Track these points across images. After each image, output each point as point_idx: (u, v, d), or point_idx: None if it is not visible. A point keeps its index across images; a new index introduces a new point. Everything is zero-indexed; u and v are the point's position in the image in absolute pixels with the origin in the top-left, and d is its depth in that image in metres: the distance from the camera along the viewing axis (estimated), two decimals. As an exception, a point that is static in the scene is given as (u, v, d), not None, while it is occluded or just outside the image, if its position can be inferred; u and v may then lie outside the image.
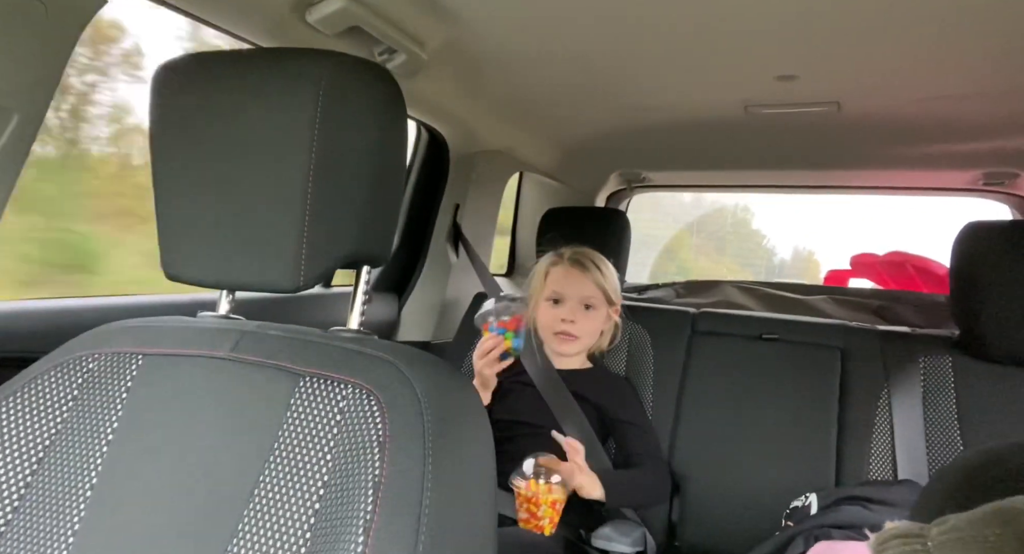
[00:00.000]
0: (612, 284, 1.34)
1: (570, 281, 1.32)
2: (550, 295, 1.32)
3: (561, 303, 1.31)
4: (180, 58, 0.64)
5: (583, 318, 1.30)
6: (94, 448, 0.61)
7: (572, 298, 1.31)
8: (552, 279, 1.33)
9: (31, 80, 0.75)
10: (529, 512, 1.05)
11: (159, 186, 0.64)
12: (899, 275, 2.37)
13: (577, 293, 1.31)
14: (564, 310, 1.30)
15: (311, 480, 0.54)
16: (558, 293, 1.32)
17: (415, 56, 1.11)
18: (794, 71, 1.23)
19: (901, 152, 1.71)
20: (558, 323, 1.29)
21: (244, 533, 0.54)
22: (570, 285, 1.31)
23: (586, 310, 1.31)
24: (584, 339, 1.31)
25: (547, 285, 1.33)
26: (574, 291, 1.31)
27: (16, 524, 0.60)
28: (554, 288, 1.32)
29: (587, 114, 1.61)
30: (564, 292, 1.31)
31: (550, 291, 1.32)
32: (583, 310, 1.31)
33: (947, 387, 1.23)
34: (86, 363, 0.65)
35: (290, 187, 0.59)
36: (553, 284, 1.33)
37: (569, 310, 1.30)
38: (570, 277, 1.32)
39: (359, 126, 0.62)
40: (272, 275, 0.61)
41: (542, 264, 1.37)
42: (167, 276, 0.65)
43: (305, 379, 0.58)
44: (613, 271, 1.36)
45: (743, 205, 4.46)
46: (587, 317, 1.31)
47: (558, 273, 1.33)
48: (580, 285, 1.31)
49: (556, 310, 1.31)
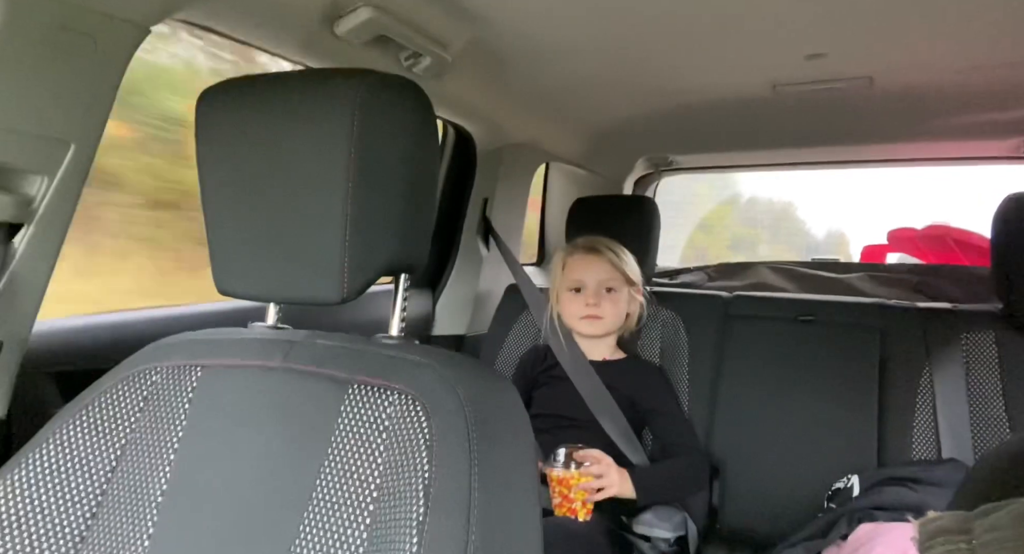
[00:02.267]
0: (630, 265, 1.36)
1: (587, 267, 1.35)
2: (570, 284, 1.35)
3: (582, 290, 1.34)
4: (222, 84, 0.67)
5: (606, 301, 1.33)
6: (162, 456, 0.65)
7: (592, 283, 1.33)
8: (569, 268, 1.36)
9: (84, 111, 0.79)
10: (562, 496, 1.08)
11: (208, 207, 0.67)
12: (939, 248, 2.31)
13: (595, 277, 1.33)
14: (587, 295, 1.33)
15: (365, 484, 0.57)
16: (578, 281, 1.34)
17: (440, 58, 1.13)
18: (824, 49, 1.21)
19: (937, 123, 1.66)
20: (583, 308, 1.32)
21: (305, 535, 0.58)
22: (588, 271, 1.34)
23: (607, 293, 1.33)
24: (609, 319, 1.33)
25: (565, 275, 1.36)
26: (592, 276, 1.34)
27: (96, 529, 0.64)
28: (572, 276, 1.35)
29: (613, 101, 1.60)
30: (583, 279, 1.34)
31: (569, 280, 1.35)
32: (605, 293, 1.33)
33: (991, 362, 1.21)
34: (150, 376, 0.69)
35: (330, 204, 0.62)
36: (571, 273, 1.36)
37: (592, 294, 1.33)
38: (586, 263, 1.35)
39: (393, 141, 0.64)
40: (317, 288, 0.63)
41: (558, 256, 1.40)
42: (220, 292, 0.68)
43: (353, 386, 0.61)
44: (628, 254, 1.38)
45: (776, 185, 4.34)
46: (609, 300, 1.33)
47: (574, 261, 1.36)
48: (597, 269, 1.34)
49: (579, 297, 1.33)
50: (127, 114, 1.38)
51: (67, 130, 0.78)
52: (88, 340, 0.98)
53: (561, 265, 1.38)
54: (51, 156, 0.78)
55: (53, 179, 0.79)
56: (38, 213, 0.79)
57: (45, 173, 0.78)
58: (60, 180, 0.79)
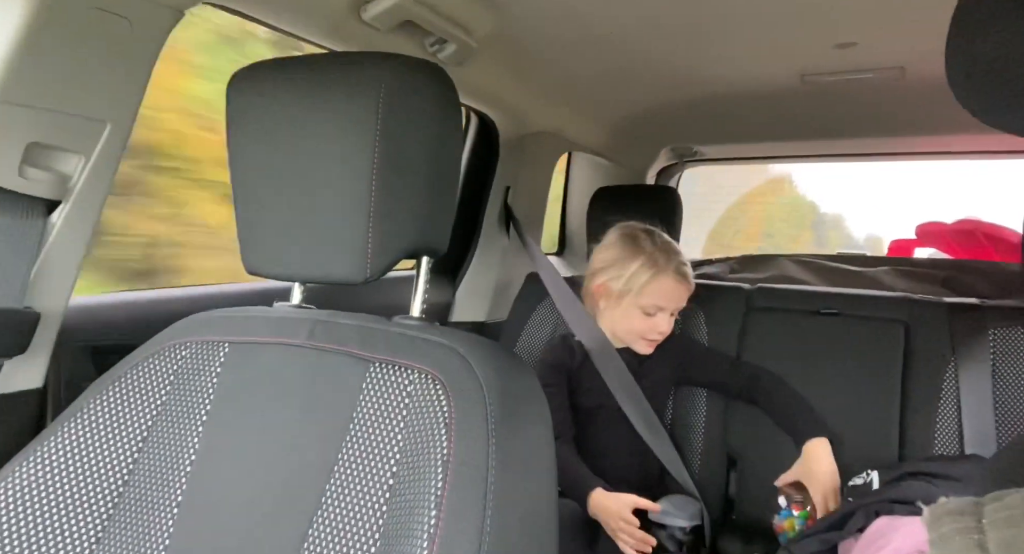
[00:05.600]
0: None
1: (673, 295, 1.25)
2: (648, 307, 1.24)
3: (655, 315, 1.25)
4: (252, 66, 0.69)
5: (671, 324, 1.28)
6: (191, 428, 0.68)
7: (670, 311, 1.26)
8: (655, 290, 1.24)
9: (120, 91, 0.81)
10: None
11: (237, 188, 0.69)
12: (969, 243, 2.26)
13: (676, 307, 1.27)
14: (662, 323, 1.25)
15: (385, 459, 0.59)
16: (657, 307, 1.25)
17: (465, 45, 1.13)
18: (855, 38, 1.19)
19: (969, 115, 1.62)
20: (651, 333, 1.26)
21: (327, 506, 0.60)
22: (671, 300, 1.25)
23: (670, 316, 1.28)
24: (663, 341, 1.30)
25: (646, 294, 1.24)
26: (674, 305, 1.26)
27: (127, 496, 0.67)
28: (654, 302, 1.24)
29: (637, 90, 1.59)
30: (665, 307, 1.25)
31: (649, 302, 1.24)
32: (671, 317, 1.27)
33: (1019, 358, 1.19)
34: (179, 350, 0.71)
35: (356, 186, 0.63)
36: (655, 296, 1.24)
37: (668, 323, 1.26)
38: (675, 292, 1.25)
39: (417, 125, 0.65)
40: (342, 268, 0.65)
41: (643, 268, 1.24)
42: (248, 271, 0.70)
43: (375, 365, 0.63)
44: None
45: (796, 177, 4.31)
46: (672, 323, 1.28)
47: (664, 285, 1.24)
48: (680, 299, 1.27)
49: (651, 321, 1.25)
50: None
51: (103, 110, 0.80)
52: (123, 315, 1.01)
53: (644, 280, 1.23)
54: (88, 135, 0.80)
55: (90, 158, 0.81)
56: (75, 190, 0.82)
57: (82, 152, 0.81)
58: (96, 158, 0.82)
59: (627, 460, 1.26)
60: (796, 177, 4.04)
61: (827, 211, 4.18)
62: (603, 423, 1.27)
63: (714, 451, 1.34)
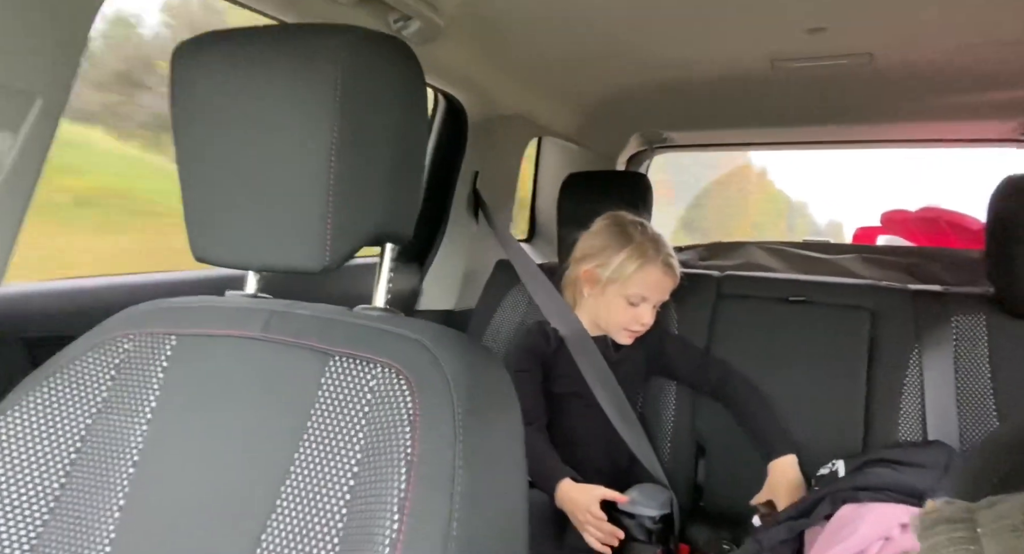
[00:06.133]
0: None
1: (660, 287, 1.24)
2: (633, 297, 1.23)
3: (639, 305, 1.24)
4: (199, 37, 0.64)
5: (653, 316, 1.27)
6: (134, 427, 0.63)
7: (654, 302, 1.25)
8: (641, 280, 1.22)
9: (52, 63, 0.75)
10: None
11: (183, 168, 0.64)
12: (932, 231, 2.31)
13: (661, 298, 1.26)
14: (645, 314, 1.24)
15: (345, 458, 0.56)
16: (642, 297, 1.23)
17: (431, 22, 1.08)
18: (824, 23, 1.18)
19: (936, 103, 1.64)
20: (634, 324, 1.25)
21: (283, 509, 0.56)
22: (657, 291, 1.25)
23: (653, 308, 1.26)
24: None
25: (632, 283, 1.22)
26: (659, 297, 1.26)
27: (65, 500, 0.62)
28: (640, 292, 1.23)
29: (607, 73, 1.56)
30: (650, 297, 1.24)
31: (634, 291, 1.22)
32: (654, 308, 1.26)
33: (980, 346, 1.21)
34: (122, 343, 0.66)
35: (313, 166, 0.59)
36: (642, 286, 1.23)
37: (650, 313, 1.25)
38: (661, 282, 1.24)
39: (380, 102, 0.61)
40: (298, 255, 0.61)
41: (632, 257, 1.23)
42: (195, 258, 0.66)
43: (335, 358, 0.59)
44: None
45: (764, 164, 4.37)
46: (654, 315, 1.27)
47: (650, 276, 1.22)
48: (664, 291, 1.26)
49: (633, 310, 1.24)
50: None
51: (33, 82, 0.74)
52: (59, 305, 0.94)
53: (632, 270, 1.22)
54: (15, 110, 0.74)
55: (17, 134, 0.75)
56: (2, 171, 0.75)
57: (8, 128, 0.74)
58: (26, 136, 0.75)
59: (597, 448, 1.25)
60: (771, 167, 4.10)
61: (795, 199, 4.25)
62: (575, 411, 1.26)
63: (683, 439, 1.34)
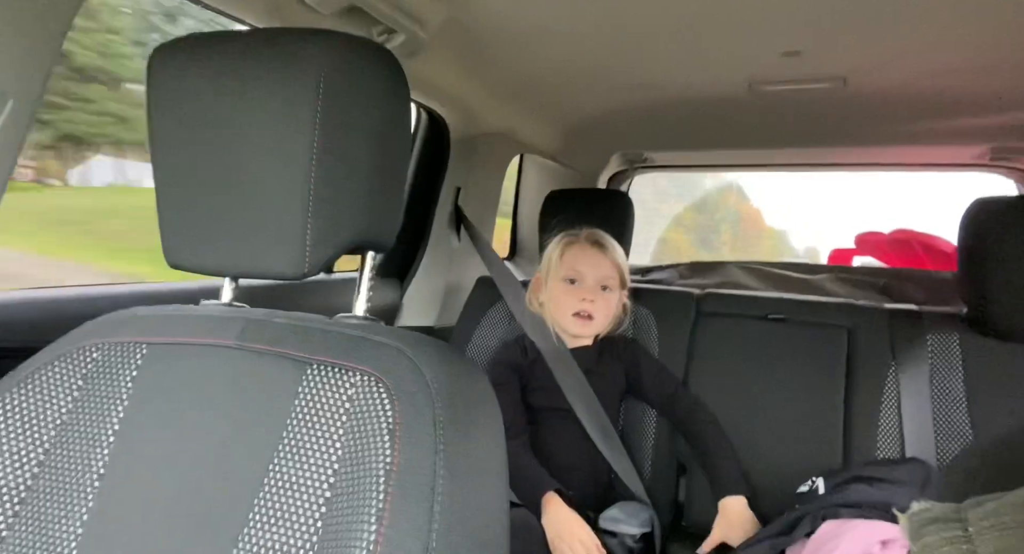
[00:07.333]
0: (626, 265, 1.33)
1: (589, 261, 1.28)
2: (567, 275, 1.28)
3: (578, 283, 1.27)
4: (177, 40, 0.63)
5: (601, 299, 1.28)
6: (100, 439, 0.61)
7: (590, 278, 1.28)
8: (570, 258, 1.28)
9: (26, 64, 0.73)
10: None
11: (159, 172, 0.63)
12: (905, 253, 2.36)
13: (595, 273, 1.28)
14: (583, 289, 1.27)
15: (322, 468, 0.54)
16: (577, 273, 1.27)
17: (415, 36, 1.09)
18: (799, 47, 1.21)
19: (908, 128, 1.69)
20: (577, 303, 1.26)
21: (256, 522, 0.54)
22: (589, 265, 1.28)
23: (603, 291, 1.28)
24: (600, 321, 1.29)
25: (563, 264, 1.28)
26: (593, 271, 1.28)
27: (24, 515, 0.59)
28: (573, 267, 1.28)
29: (589, 94, 1.58)
30: (583, 272, 1.28)
31: (568, 270, 1.28)
32: (600, 291, 1.28)
33: (955, 365, 1.23)
34: (90, 353, 0.64)
35: (293, 172, 0.58)
36: (572, 263, 1.28)
37: (589, 289, 1.27)
38: (589, 257, 1.28)
39: (362, 109, 0.60)
40: (277, 262, 0.59)
41: (557, 243, 1.32)
42: (170, 264, 0.64)
43: (312, 367, 0.58)
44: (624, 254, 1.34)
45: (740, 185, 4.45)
46: (604, 299, 1.28)
47: (576, 252, 1.29)
48: (599, 265, 1.28)
49: (574, 290, 1.27)
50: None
51: (5, 84, 0.72)
52: (25, 316, 0.91)
53: (558, 254, 1.30)
54: None
55: None
56: None
57: None
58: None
59: (577, 464, 1.24)
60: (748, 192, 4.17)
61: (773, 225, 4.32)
62: (554, 426, 1.25)
63: (664, 457, 1.33)
